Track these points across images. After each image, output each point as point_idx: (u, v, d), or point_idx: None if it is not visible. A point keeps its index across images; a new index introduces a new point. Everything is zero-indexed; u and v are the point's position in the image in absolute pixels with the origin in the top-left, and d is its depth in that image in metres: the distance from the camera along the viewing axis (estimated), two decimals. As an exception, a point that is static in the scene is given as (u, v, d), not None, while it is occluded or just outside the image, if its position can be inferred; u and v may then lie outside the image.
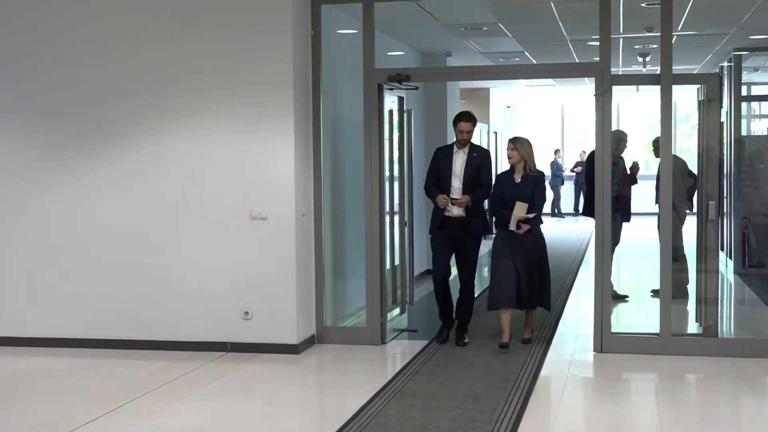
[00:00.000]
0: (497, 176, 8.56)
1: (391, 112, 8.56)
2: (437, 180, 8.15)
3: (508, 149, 8.09)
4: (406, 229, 8.98)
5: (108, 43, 7.83)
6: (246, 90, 7.57)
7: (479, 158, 8.15)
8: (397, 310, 8.91)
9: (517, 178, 7.99)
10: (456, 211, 7.99)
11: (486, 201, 8.51)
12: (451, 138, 8.80)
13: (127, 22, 7.79)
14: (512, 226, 7.78)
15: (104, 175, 7.92)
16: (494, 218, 8.56)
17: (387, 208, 8.43)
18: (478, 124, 8.53)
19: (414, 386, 6.67)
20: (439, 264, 8.30)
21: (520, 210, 7.78)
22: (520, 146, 7.95)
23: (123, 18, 7.80)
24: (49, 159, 8.03)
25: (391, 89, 8.43)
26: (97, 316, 7.95)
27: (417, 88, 9.45)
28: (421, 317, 9.36)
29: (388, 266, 8.48)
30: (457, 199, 7.90)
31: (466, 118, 8.10)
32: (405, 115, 9.08)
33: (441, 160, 8.17)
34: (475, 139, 9.02)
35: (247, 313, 7.66)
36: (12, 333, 8.10)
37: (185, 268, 7.75)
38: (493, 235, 8.43)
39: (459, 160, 8.09)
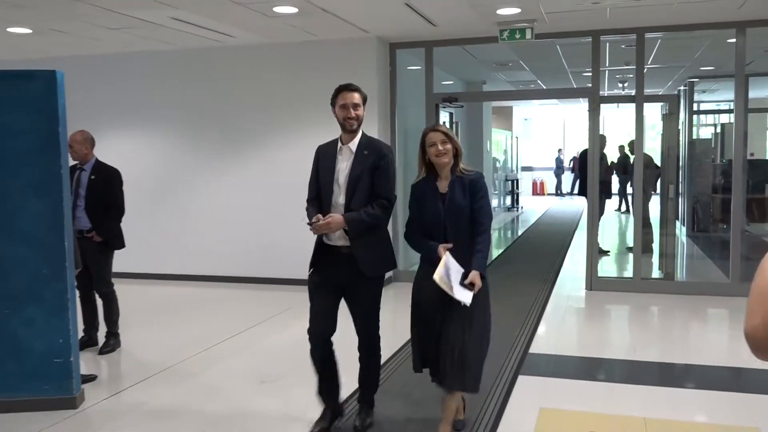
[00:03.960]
0: (412, 188, 3.69)
1: (444, 123, 8.53)
2: (318, 191, 3.74)
3: (433, 145, 3.50)
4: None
5: (244, 79, 7.97)
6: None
7: (374, 157, 3.64)
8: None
9: (443, 187, 3.56)
10: (337, 239, 3.64)
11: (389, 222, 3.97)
12: (489, 143, 8.14)
13: (257, 64, 7.90)
14: (437, 278, 3.33)
15: (239, 167, 8.08)
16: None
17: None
18: (502, 130, 6.47)
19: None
20: (317, 314, 3.71)
21: (444, 273, 3.37)
22: (448, 130, 3.62)
23: (254, 61, 7.92)
24: (206, 154, 8.22)
25: (444, 107, 8.39)
26: (233, 260, 8.14)
27: (462, 107, 9.42)
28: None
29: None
30: (316, 223, 3.53)
31: (352, 88, 3.81)
32: (454, 125, 9.06)
33: (320, 162, 3.81)
34: (499, 143, 6.58)
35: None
36: (178, 270, 8.34)
37: (290, 231, 7.82)
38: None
39: (343, 162, 3.69)
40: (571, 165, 21.95)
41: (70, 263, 4.18)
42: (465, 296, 3.35)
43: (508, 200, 18.12)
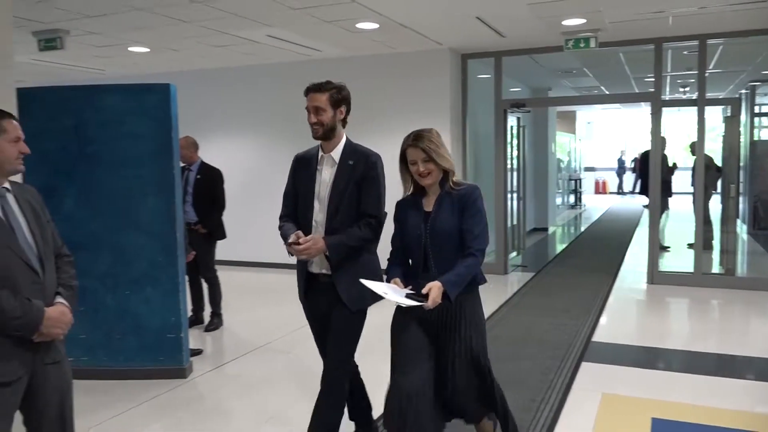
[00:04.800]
0: (396, 207, 2.83)
1: (512, 127, 8.41)
2: (296, 206, 3.00)
3: (414, 163, 2.68)
4: (521, 202, 8.87)
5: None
6: (414, 114, 7.64)
7: (361, 167, 2.89)
8: (514, 253, 8.82)
9: (428, 204, 2.73)
10: (317, 266, 2.94)
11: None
12: (554, 145, 7.86)
13: (341, 75, 7.99)
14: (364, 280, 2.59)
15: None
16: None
17: (508, 188, 8.29)
18: (566, 133, 5.44)
19: (525, 301, 6.61)
20: (321, 349, 3.07)
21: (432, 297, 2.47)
22: (432, 147, 2.65)
23: (338, 73, 8.01)
24: (278, 151, 8.37)
25: (512, 113, 8.27)
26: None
27: (529, 111, 9.25)
28: (530, 258, 9.21)
29: (509, 224, 8.39)
30: (297, 245, 2.76)
31: (318, 88, 2.91)
32: (521, 129, 8.93)
33: (297, 173, 3.05)
34: (563, 146, 5.83)
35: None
36: (272, 259, 8.51)
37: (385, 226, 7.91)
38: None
39: (324, 174, 2.93)
40: (633, 165, 21.19)
41: (181, 251, 4.38)
42: (404, 302, 2.47)
43: (572, 198, 17.76)
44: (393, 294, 2.52)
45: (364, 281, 2.56)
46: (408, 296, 2.50)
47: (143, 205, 4.28)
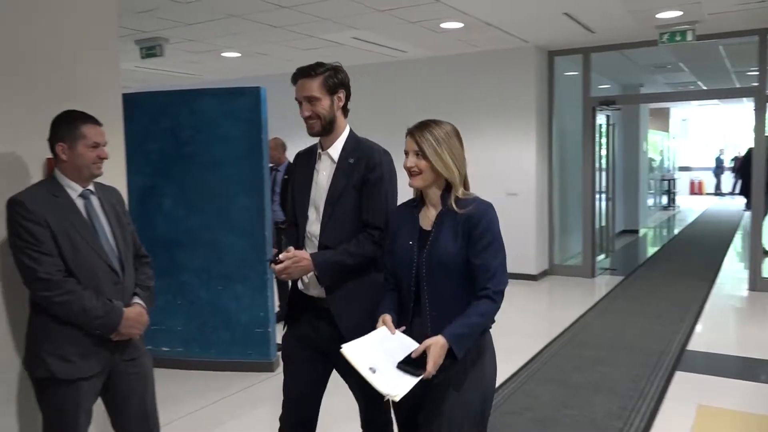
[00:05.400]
0: (392, 213, 2.20)
1: (600, 126, 8.14)
2: (294, 214, 2.38)
3: (406, 154, 2.06)
4: (610, 202, 8.57)
5: (412, 89, 8.09)
6: (499, 114, 7.53)
7: (362, 167, 2.24)
8: (602, 255, 8.52)
9: (426, 220, 2.05)
10: (311, 287, 2.26)
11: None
12: (645, 143, 7.55)
13: (425, 75, 8.00)
14: (345, 349, 1.91)
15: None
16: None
17: (596, 188, 8.02)
18: (659, 131, 5.40)
19: (614, 305, 6.37)
20: (291, 396, 2.36)
21: (404, 382, 1.82)
22: (429, 141, 2.01)
23: (422, 72, 8.02)
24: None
25: (601, 110, 8.00)
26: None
27: (619, 109, 8.91)
28: (619, 261, 8.87)
29: (597, 226, 8.11)
30: (280, 261, 2.16)
31: (309, 73, 2.25)
32: (610, 127, 8.62)
33: (296, 174, 2.43)
34: (656, 144, 5.82)
35: (504, 254, 7.64)
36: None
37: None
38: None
39: (321, 175, 2.31)
40: (733, 165, 19.99)
41: (269, 249, 4.52)
42: (395, 384, 1.81)
43: (664, 199, 16.96)
44: (383, 369, 1.84)
45: (346, 352, 1.87)
46: (400, 366, 1.85)
47: (234, 204, 4.45)
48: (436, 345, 1.84)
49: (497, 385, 4.03)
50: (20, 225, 2.14)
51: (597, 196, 8.04)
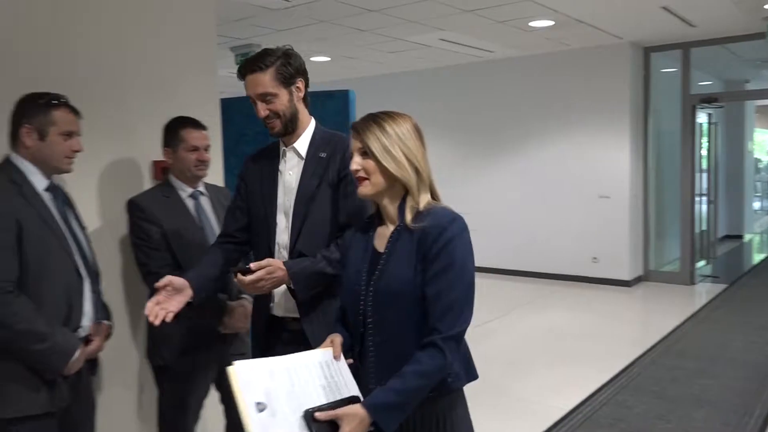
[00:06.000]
0: (347, 236, 1.82)
1: (701, 125, 7.70)
2: (244, 227, 2.03)
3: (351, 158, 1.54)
4: (712, 206, 8.10)
5: (500, 89, 7.97)
6: (591, 113, 7.28)
7: (335, 162, 1.93)
8: (703, 262, 8.06)
9: (381, 241, 1.55)
10: (279, 307, 1.95)
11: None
12: (751, 143, 7.05)
13: (512, 75, 7.85)
14: (231, 371, 1.37)
15: (504, 168, 8.09)
16: None
17: (696, 191, 7.59)
18: (767, 129, 5.32)
19: (715, 315, 6.01)
20: None
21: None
22: (376, 136, 1.49)
23: (509, 72, 7.88)
24: (469, 158, 8.38)
25: (702, 108, 7.57)
26: (493, 251, 8.12)
27: (722, 107, 8.41)
28: (721, 268, 8.37)
29: (697, 230, 7.68)
30: (247, 270, 1.79)
31: (252, 66, 1.89)
32: (712, 126, 8.16)
33: (248, 178, 2.03)
34: (763, 144, 5.73)
35: (595, 258, 7.39)
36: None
37: (555, 228, 7.66)
38: None
39: (288, 175, 1.96)
40: None
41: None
42: None
43: (772, 203, 15.87)
44: (278, 412, 1.34)
45: (235, 372, 1.37)
46: (306, 417, 1.34)
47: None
48: (352, 419, 1.34)
49: (588, 394, 3.94)
50: (136, 224, 2.31)
51: (697, 198, 7.62)
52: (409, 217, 1.50)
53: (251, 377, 1.37)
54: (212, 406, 2.53)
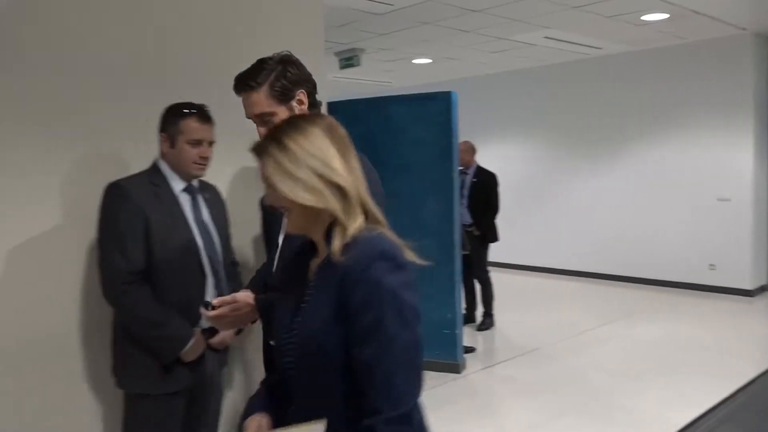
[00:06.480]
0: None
1: None
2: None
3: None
4: None
5: (609, 87, 7.64)
6: (708, 110, 6.82)
7: None
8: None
9: (312, 270, 1.25)
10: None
11: None
12: None
13: (623, 71, 7.50)
14: None
15: (612, 169, 7.76)
16: None
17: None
18: None
19: None
20: None
21: None
22: (275, 157, 1.21)
23: (620, 69, 7.53)
24: (574, 157, 8.10)
25: (839, 103, 6.89)
26: (597, 256, 7.82)
27: None
28: None
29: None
30: (208, 305, 1.64)
31: (243, 84, 1.68)
32: None
33: (266, 210, 1.97)
34: None
35: (712, 265, 6.92)
36: (543, 263, 8.39)
37: (668, 233, 7.25)
38: None
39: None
40: None
41: (457, 251, 4.56)
42: None
43: None
44: None
45: None
46: None
47: (425, 206, 4.55)
48: None
49: (704, 410, 3.69)
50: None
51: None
52: (337, 244, 1.16)
53: None
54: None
